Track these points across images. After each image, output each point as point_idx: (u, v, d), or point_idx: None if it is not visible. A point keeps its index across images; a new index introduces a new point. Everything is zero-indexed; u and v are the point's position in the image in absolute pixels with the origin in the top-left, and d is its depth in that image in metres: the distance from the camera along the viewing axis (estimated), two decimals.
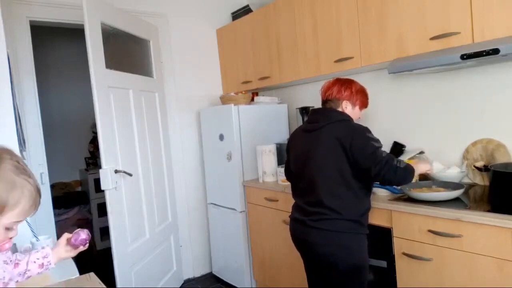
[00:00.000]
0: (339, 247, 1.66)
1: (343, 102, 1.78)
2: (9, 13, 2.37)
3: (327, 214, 1.67)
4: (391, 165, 1.57)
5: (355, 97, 1.79)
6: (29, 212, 0.86)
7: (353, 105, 1.79)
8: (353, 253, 1.67)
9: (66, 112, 4.41)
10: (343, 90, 1.77)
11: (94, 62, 2.26)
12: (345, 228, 1.65)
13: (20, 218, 0.85)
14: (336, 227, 1.65)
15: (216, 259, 3.25)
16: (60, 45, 4.33)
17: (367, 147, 1.60)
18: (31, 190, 0.85)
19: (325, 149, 1.68)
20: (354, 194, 1.67)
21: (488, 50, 1.59)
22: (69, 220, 3.98)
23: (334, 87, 1.79)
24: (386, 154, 1.60)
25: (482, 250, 1.54)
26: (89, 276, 1.34)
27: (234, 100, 2.97)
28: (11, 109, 1.75)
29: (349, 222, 1.66)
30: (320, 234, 1.68)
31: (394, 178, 1.59)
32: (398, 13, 2.03)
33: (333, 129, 1.69)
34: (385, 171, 1.56)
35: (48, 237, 1.54)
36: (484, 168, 1.96)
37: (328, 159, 1.67)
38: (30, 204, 0.85)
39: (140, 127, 2.70)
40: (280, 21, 2.78)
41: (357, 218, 1.67)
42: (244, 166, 2.87)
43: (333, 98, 1.79)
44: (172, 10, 3.22)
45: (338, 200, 1.66)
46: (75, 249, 1.15)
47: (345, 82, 1.80)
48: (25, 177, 0.85)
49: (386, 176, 1.57)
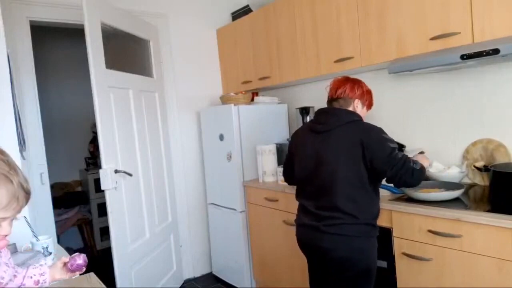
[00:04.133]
0: (354, 251, 1.62)
1: (355, 100, 1.73)
2: (9, 13, 2.38)
3: (342, 218, 1.61)
4: (408, 167, 1.54)
5: (365, 97, 1.77)
6: (12, 208, 0.81)
7: (363, 104, 1.77)
8: (367, 256, 1.65)
9: (66, 112, 4.40)
10: (356, 89, 1.74)
11: (94, 62, 2.26)
12: (361, 232, 1.62)
13: (6, 215, 0.81)
14: (352, 231, 1.61)
15: (216, 259, 3.25)
16: (60, 45, 4.33)
17: (384, 149, 1.56)
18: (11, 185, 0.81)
19: (339, 151, 1.62)
20: (369, 197, 1.64)
21: (488, 50, 1.59)
22: (69, 220, 3.98)
23: (347, 85, 1.74)
24: (402, 156, 1.57)
25: (482, 250, 1.54)
26: (89, 276, 1.34)
27: (234, 100, 2.97)
28: (11, 109, 1.75)
29: (365, 226, 1.63)
30: (335, 239, 1.63)
31: (411, 180, 1.56)
32: (398, 13, 2.03)
33: (347, 130, 1.63)
34: (402, 173, 1.54)
35: (48, 237, 1.54)
36: (484, 168, 1.96)
37: (342, 162, 1.61)
38: (8, 199, 0.80)
39: (140, 127, 2.70)
40: (280, 21, 2.78)
41: (372, 221, 1.65)
42: (244, 166, 2.87)
43: (345, 96, 1.73)
44: (172, 10, 3.22)
45: (354, 204, 1.60)
46: (71, 273, 1.14)
47: (356, 81, 1.77)
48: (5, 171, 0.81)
49: (403, 177, 1.55)
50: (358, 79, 1.80)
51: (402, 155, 1.57)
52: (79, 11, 2.23)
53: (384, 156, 1.55)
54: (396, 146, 1.60)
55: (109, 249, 2.46)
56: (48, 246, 1.50)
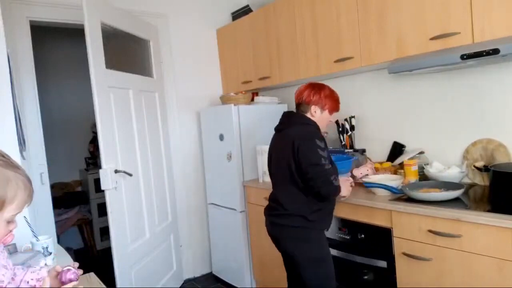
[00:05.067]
0: (295, 240, 1.81)
1: (312, 106, 1.89)
2: (9, 13, 2.37)
3: (278, 209, 1.85)
4: (326, 179, 1.71)
5: (323, 101, 1.89)
6: (26, 202, 0.89)
7: (322, 109, 1.90)
8: (309, 246, 1.80)
9: (66, 112, 4.40)
10: (312, 95, 1.88)
11: (94, 62, 2.26)
12: (294, 223, 1.80)
13: (18, 210, 0.88)
14: (285, 221, 1.82)
15: (216, 259, 3.25)
16: (60, 45, 4.33)
17: (311, 155, 1.72)
18: (24, 181, 0.88)
19: (281, 149, 1.85)
20: (301, 192, 1.80)
21: (488, 50, 1.59)
22: (69, 220, 3.98)
23: (305, 92, 1.90)
24: (329, 168, 1.73)
25: (482, 250, 1.54)
26: (89, 276, 1.34)
27: (234, 100, 2.97)
28: (11, 109, 1.75)
29: (296, 217, 1.79)
30: (277, 228, 1.87)
31: (325, 190, 1.73)
32: (398, 13, 2.03)
33: (291, 132, 1.84)
34: (320, 180, 1.70)
35: (48, 237, 1.54)
36: (484, 168, 1.96)
37: (282, 157, 1.84)
38: (27, 194, 0.88)
39: (140, 127, 2.71)
40: (280, 21, 2.78)
41: (304, 214, 1.79)
42: (244, 166, 2.87)
43: (303, 102, 1.90)
44: (172, 10, 3.22)
45: (286, 197, 1.83)
46: (62, 285, 1.13)
47: (315, 87, 1.91)
48: (15, 169, 0.87)
49: (318, 183, 1.71)
50: (319, 85, 1.92)
51: (327, 167, 1.72)
52: (79, 11, 2.23)
53: (310, 160, 1.72)
54: (325, 156, 1.74)
55: (109, 249, 2.46)
56: (48, 246, 1.50)
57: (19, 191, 0.86)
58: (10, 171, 0.85)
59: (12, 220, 0.88)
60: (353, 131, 2.59)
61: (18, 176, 0.87)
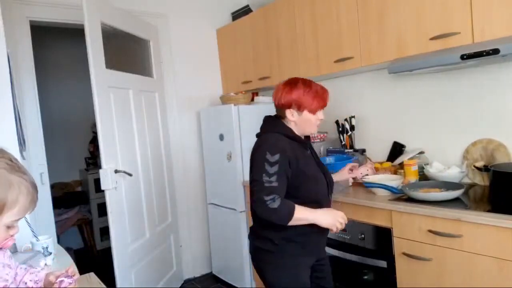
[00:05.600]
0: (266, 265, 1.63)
1: (286, 110, 1.60)
2: (9, 13, 2.37)
3: (252, 227, 1.68)
4: (260, 196, 1.43)
5: (298, 102, 1.57)
6: (28, 209, 0.86)
7: (299, 111, 1.58)
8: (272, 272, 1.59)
9: (66, 112, 4.40)
10: (283, 98, 1.59)
11: (94, 62, 2.26)
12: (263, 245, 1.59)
13: (20, 216, 0.85)
14: (257, 242, 1.62)
15: (216, 259, 3.25)
16: (60, 45, 4.33)
17: (256, 167, 1.51)
18: (28, 187, 0.85)
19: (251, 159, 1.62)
20: None
21: (488, 50, 1.59)
22: (69, 220, 3.98)
23: (277, 94, 1.62)
24: (271, 186, 1.44)
25: (482, 250, 1.54)
26: (89, 276, 1.34)
27: (234, 100, 2.97)
28: (11, 109, 1.75)
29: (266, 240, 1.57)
30: (251, 248, 1.71)
31: (259, 209, 1.45)
32: (398, 13, 2.03)
33: (259, 139, 1.63)
34: (254, 195, 1.47)
35: (48, 237, 1.54)
36: (484, 168, 1.96)
37: (250, 170, 1.59)
38: (29, 200, 0.85)
39: (140, 127, 2.71)
40: (280, 21, 2.78)
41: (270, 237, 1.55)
42: (244, 166, 2.87)
43: (277, 106, 1.64)
44: (172, 10, 3.22)
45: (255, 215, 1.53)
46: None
47: (286, 87, 1.60)
48: (20, 174, 0.85)
49: (252, 200, 1.48)
50: (291, 84, 1.60)
51: (268, 184, 1.44)
52: (79, 11, 2.23)
53: (252, 174, 1.52)
54: (272, 172, 1.46)
55: (109, 249, 2.46)
56: (48, 246, 1.50)
57: (20, 197, 0.84)
58: (14, 176, 0.84)
59: (12, 225, 0.86)
60: (353, 131, 2.59)
61: (22, 182, 0.84)
